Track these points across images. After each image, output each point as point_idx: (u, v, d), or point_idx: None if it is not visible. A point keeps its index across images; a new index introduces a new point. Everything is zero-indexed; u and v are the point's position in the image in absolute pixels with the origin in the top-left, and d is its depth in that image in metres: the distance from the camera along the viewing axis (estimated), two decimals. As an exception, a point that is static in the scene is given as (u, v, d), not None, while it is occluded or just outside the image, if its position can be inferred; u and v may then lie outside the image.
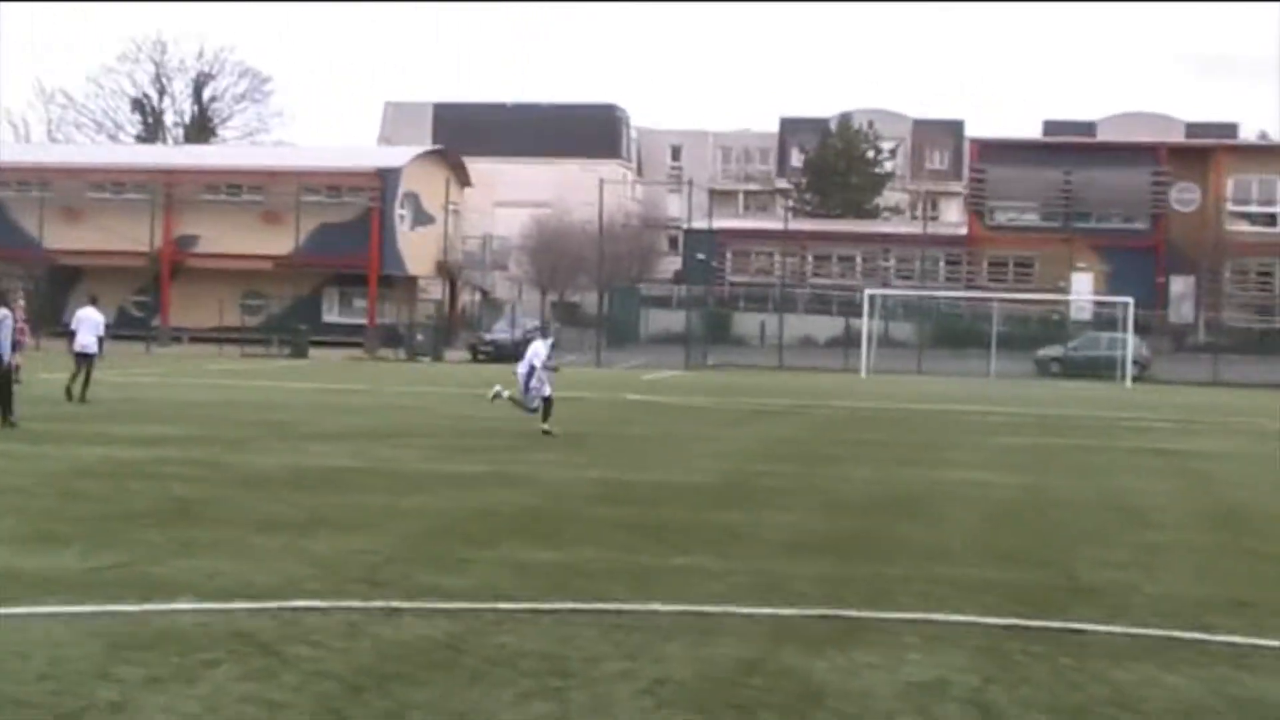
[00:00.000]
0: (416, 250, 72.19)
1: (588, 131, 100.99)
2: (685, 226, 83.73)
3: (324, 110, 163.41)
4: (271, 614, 9.50)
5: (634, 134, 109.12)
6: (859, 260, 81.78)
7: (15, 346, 23.68)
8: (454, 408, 31.28)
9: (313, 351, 60.38)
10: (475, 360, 61.01)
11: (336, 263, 68.97)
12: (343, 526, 13.42)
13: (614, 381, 45.45)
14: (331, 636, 8.91)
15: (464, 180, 79.57)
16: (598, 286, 75.30)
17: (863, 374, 55.25)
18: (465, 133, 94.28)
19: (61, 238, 70.51)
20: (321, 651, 8.51)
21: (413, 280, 73.86)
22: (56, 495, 15.18)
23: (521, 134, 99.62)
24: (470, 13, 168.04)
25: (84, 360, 29.13)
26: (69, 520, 13.42)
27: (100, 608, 9.51)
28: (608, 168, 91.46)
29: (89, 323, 29.77)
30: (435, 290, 76.72)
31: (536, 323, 68.95)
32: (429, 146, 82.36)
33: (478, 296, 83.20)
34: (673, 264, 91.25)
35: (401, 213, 71.42)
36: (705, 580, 11.14)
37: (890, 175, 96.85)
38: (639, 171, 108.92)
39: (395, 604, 9.89)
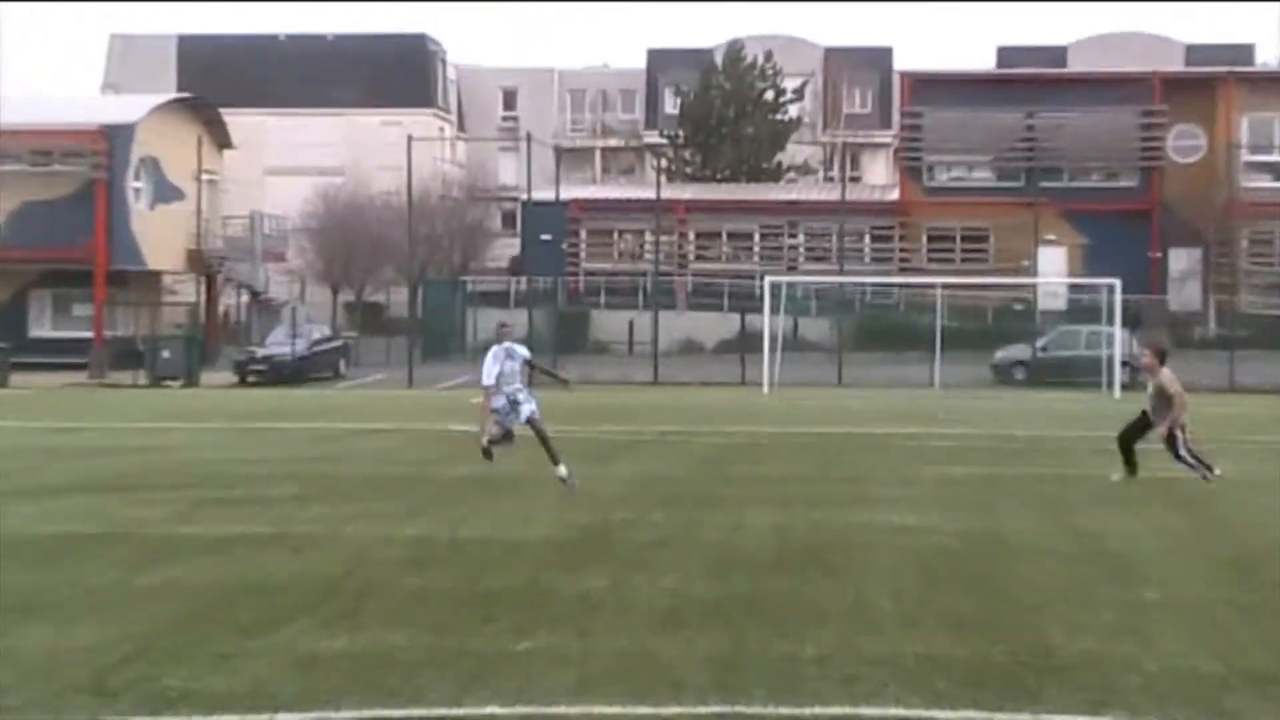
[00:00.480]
0: (159, 236, 71.45)
1: (390, 72, 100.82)
2: (524, 198, 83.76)
3: (27, 47, 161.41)
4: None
5: (452, 75, 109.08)
6: (756, 238, 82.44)
7: None
8: (217, 449, 31.01)
9: (16, 377, 59.55)
10: (244, 384, 60.66)
11: (48, 255, 68.09)
12: (58, 616, 13.25)
13: (433, 407, 45.31)
14: (46, 765, 8.82)
15: (223, 141, 79.02)
16: (407, 280, 75.13)
17: (765, 388, 55.51)
18: (222, 77, 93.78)
19: None
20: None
21: (154, 277, 73.18)
22: None
23: (300, 77, 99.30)
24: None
25: None
26: None
27: None
28: (418, 120, 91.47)
29: None
30: (186, 290, 76.06)
31: (325, 331, 68.84)
32: (172, 95, 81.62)
33: (245, 297, 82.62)
34: (509, 248, 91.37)
35: (136, 185, 70.74)
36: (556, 669, 11.18)
37: (796, 124, 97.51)
38: (460, 125, 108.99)
39: (135, 719, 9.78)
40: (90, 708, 10.10)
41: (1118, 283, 57.27)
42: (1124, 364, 54.86)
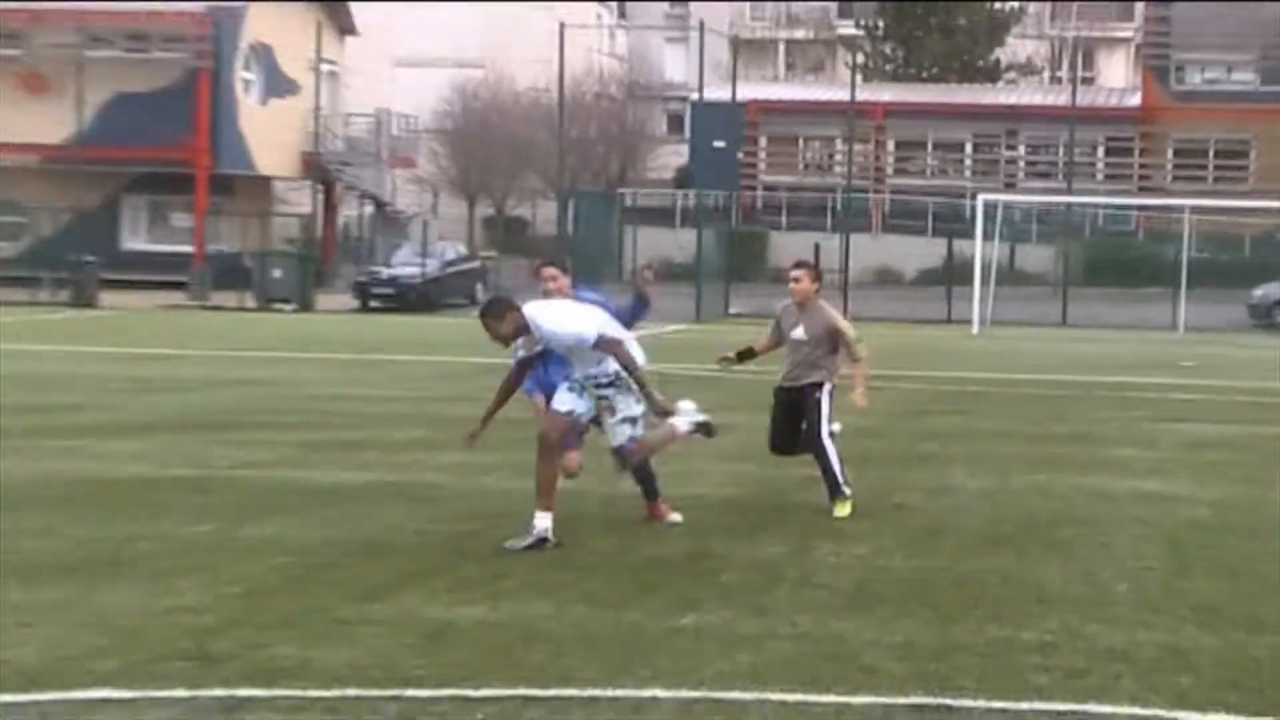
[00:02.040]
0: (270, 136, 71.94)
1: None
2: (694, 97, 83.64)
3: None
4: (40, 710, 9.53)
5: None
6: (968, 149, 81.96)
7: None
8: (333, 384, 31.24)
9: (106, 296, 60.26)
10: (366, 309, 60.97)
11: (142, 155, 68.65)
12: (152, 572, 13.41)
13: (583, 341, 45.38)
14: (136, 747, 8.94)
15: (345, 27, 79.42)
16: (556, 192, 75.29)
17: (974, 327, 55.27)
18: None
19: None
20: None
21: (265, 183, 73.84)
22: None
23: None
24: None
25: None
26: None
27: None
28: (571, 6, 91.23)
29: None
30: (301, 200, 76.61)
31: (459, 250, 69.02)
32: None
33: (368, 209, 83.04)
34: (675, 156, 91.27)
35: (246, 76, 71.31)
36: (727, 649, 11.15)
37: (1018, 14, 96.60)
38: (621, 13, 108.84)
39: (240, 691, 9.90)
40: (192, 677, 10.20)
41: None
42: None
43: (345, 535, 15.18)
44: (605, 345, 14.76)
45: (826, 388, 17.39)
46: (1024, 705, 9.95)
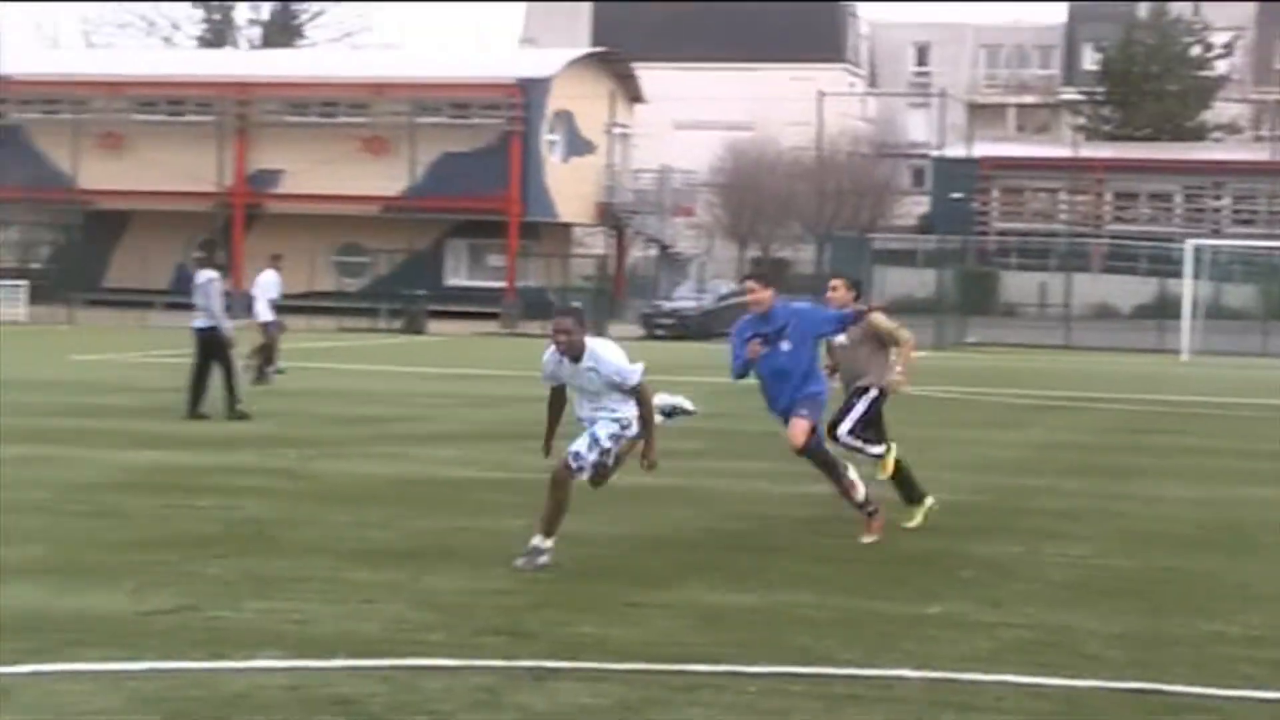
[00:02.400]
0: (570, 188, 72.55)
1: (800, 27, 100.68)
2: (935, 154, 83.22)
3: (446, 4, 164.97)
4: (382, 675, 9.65)
5: (864, 29, 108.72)
6: (1178, 199, 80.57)
7: None
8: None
9: (433, 324, 61.06)
10: (651, 337, 61.15)
11: (463, 205, 69.62)
12: (473, 558, 13.54)
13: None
14: (462, 706, 9.04)
15: (634, 95, 79.82)
16: (815, 237, 75.13)
17: (1183, 355, 54.40)
18: (635, 32, 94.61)
19: (101, 174, 72.22)
20: (449, 726, 8.61)
21: (565, 229, 74.43)
22: (94, 514, 15.54)
23: (712, 32, 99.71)
24: None
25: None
26: (111, 548, 13.74)
27: (158, 665, 9.71)
28: (828, 75, 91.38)
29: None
30: (596, 243, 77.14)
31: (731, 286, 69.08)
32: (587, 49, 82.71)
33: (653, 251, 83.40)
34: (917, 206, 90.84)
35: (550, 138, 71.97)
36: (966, 636, 11.06)
37: (1224, 81, 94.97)
38: (871, 81, 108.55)
39: (548, 663, 9.97)
40: (507, 649, 10.30)
41: None
42: None
43: (636, 531, 15.24)
44: (641, 390, 13.45)
45: (870, 394, 16.10)
46: (1233, 693, 9.74)
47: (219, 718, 8.66)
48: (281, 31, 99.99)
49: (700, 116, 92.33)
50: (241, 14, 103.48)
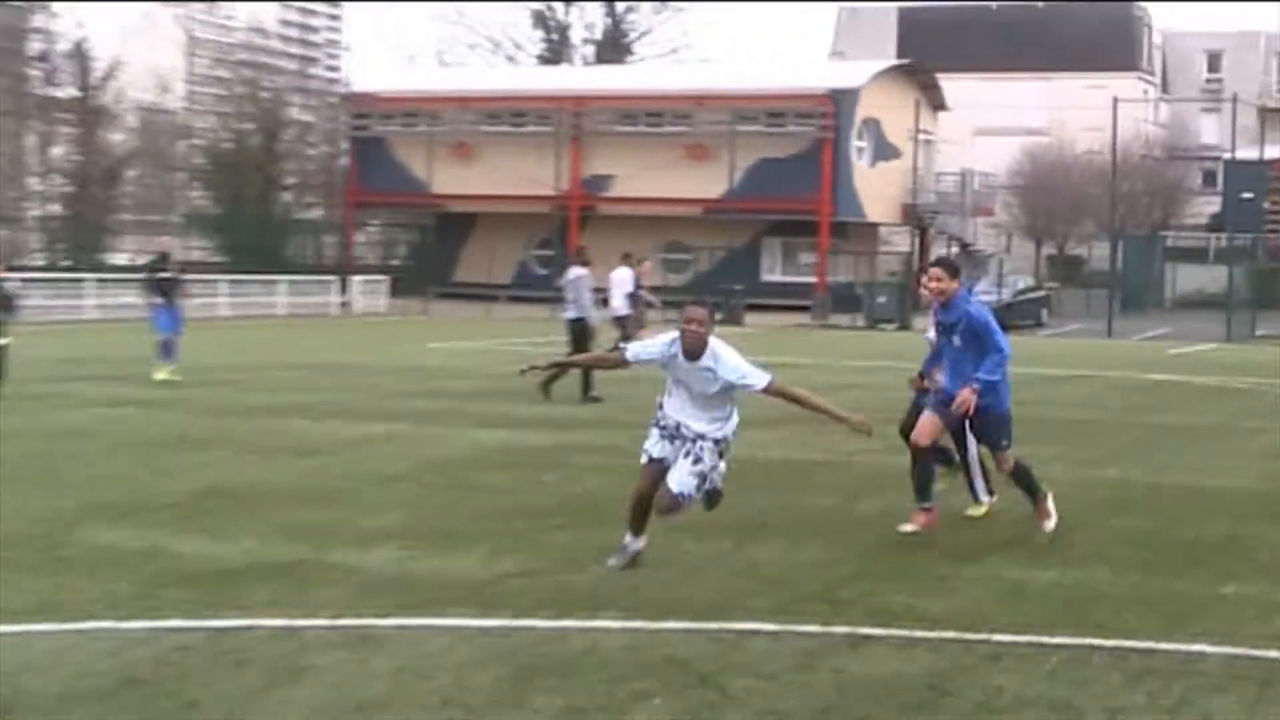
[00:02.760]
0: (877, 191, 72.28)
1: (1097, 37, 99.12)
2: (1226, 156, 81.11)
3: (761, 20, 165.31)
4: (711, 637, 9.72)
5: (1157, 39, 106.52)
6: None
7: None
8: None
9: (749, 317, 61.15)
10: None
11: (778, 206, 69.72)
12: (790, 532, 13.58)
13: (1130, 356, 44.44)
14: (784, 668, 9.06)
15: (937, 103, 79.23)
16: (1109, 235, 73.83)
17: None
18: (938, 43, 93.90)
19: (451, 180, 73.61)
20: (773, 686, 8.64)
21: (872, 228, 74.13)
22: (449, 487, 15.88)
23: (1011, 43, 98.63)
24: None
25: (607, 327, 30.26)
26: (465, 517, 14.05)
27: (509, 622, 9.90)
28: (1123, 83, 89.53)
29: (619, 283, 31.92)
30: (900, 241, 76.70)
31: (1027, 282, 68.19)
32: (893, 61, 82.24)
33: (954, 248, 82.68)
34: (1208, 205, 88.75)
35: (859, 144, 71.75)
36: (1265, 615, 10.80)
37: None
38: (1164, 87, 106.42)
39: (861, 630, 9.96)
40: (824, 616, 10.32)
41: None
42: None
43: (941, 508, 15.06)
44: (778, 389, 12.15)
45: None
46: None
47: (564, 673, 8.79)
48: (613, 49, 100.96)
49: (999, 123, 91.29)
50: (577, 33, 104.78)
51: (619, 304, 32.67)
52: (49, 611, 10.04)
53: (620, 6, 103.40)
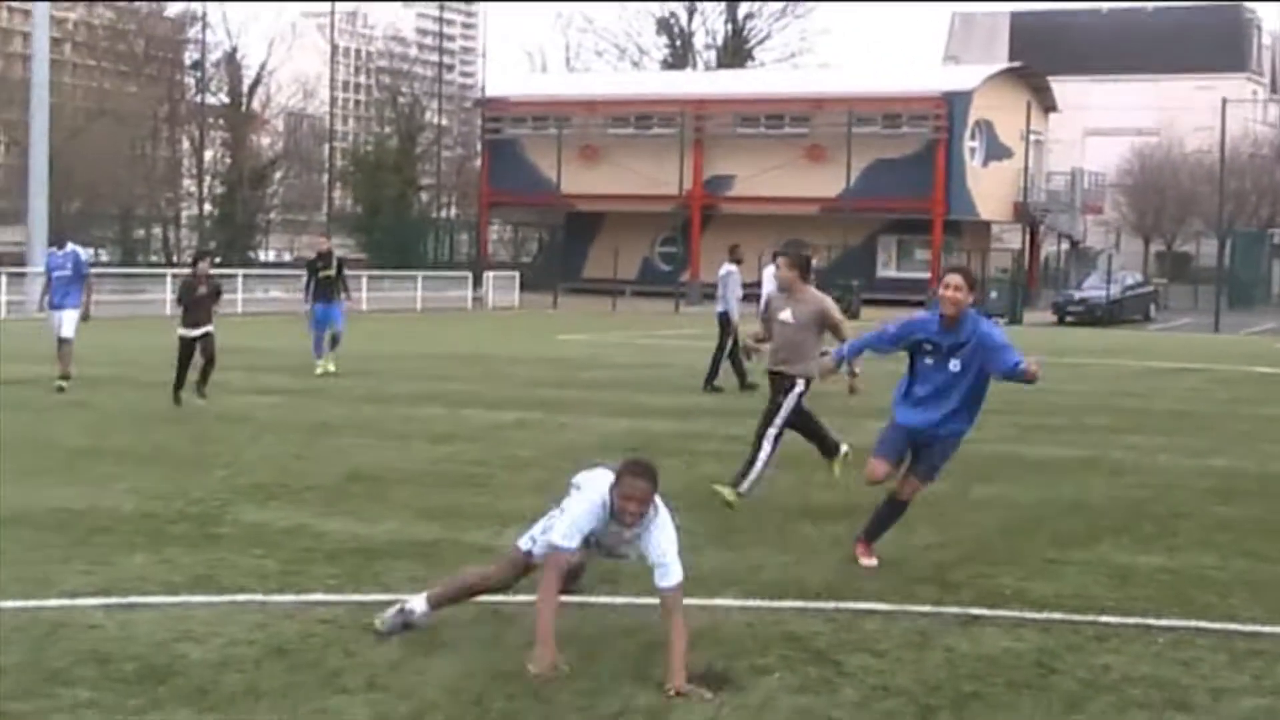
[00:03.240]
0: (989, 190, 71.82)
1: (1205, 39, 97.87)
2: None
3: (877, 25, 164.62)
4: (826, 616, 9.74)
5: (1267, 40, 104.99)
6: None
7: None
8: (1041, 383, 30.88)
9: (866, 310, 60.88)
10: (1062, 323, 60.19)
11: (893, 206, 69.49)
12: (905, 519, 13.53)
13: (1237, 351, 43.95)
14: (897, 646, 9.06)
15: (1048, 105, 78.54)
16: (1216, 233, 72.97)
17: None
18: (1048, 47, 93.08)
19: (580, 181, 73.72)
20: (886, 663, 8.66)
21: (985, 226, 73.62)
22: (575, 472, 15.92)
23: (1119, 46, 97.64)
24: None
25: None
26: (594, 500, 14.10)
27: (634, 600, 9.94)
28: (1231, 84, 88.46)
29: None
30: (1012, 238, 76.16)
31: (1136, 278, 67.56)
32: (1005, 65, 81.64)
33: (1064, 246, 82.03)
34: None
35: (972, 145, 71.30)
36: (1365, 600, 10.68)
37: None
38: (1273, 88, 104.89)
39: (972, 610, 9.95)
40: (935, 597, 10.32)
41: None
42: None
43: (1050, 497, 15.05)
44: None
45: (799, 388, 13.97)
46: None
47: (690, 646, 8.83)
48: (733, 55, 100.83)
49: (1109, 124, 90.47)
50: (699, 39, 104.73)
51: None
52: (204, 585, 10.23)
53: (741, 12, 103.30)
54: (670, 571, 8.53)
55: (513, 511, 13.30)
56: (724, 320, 26.88)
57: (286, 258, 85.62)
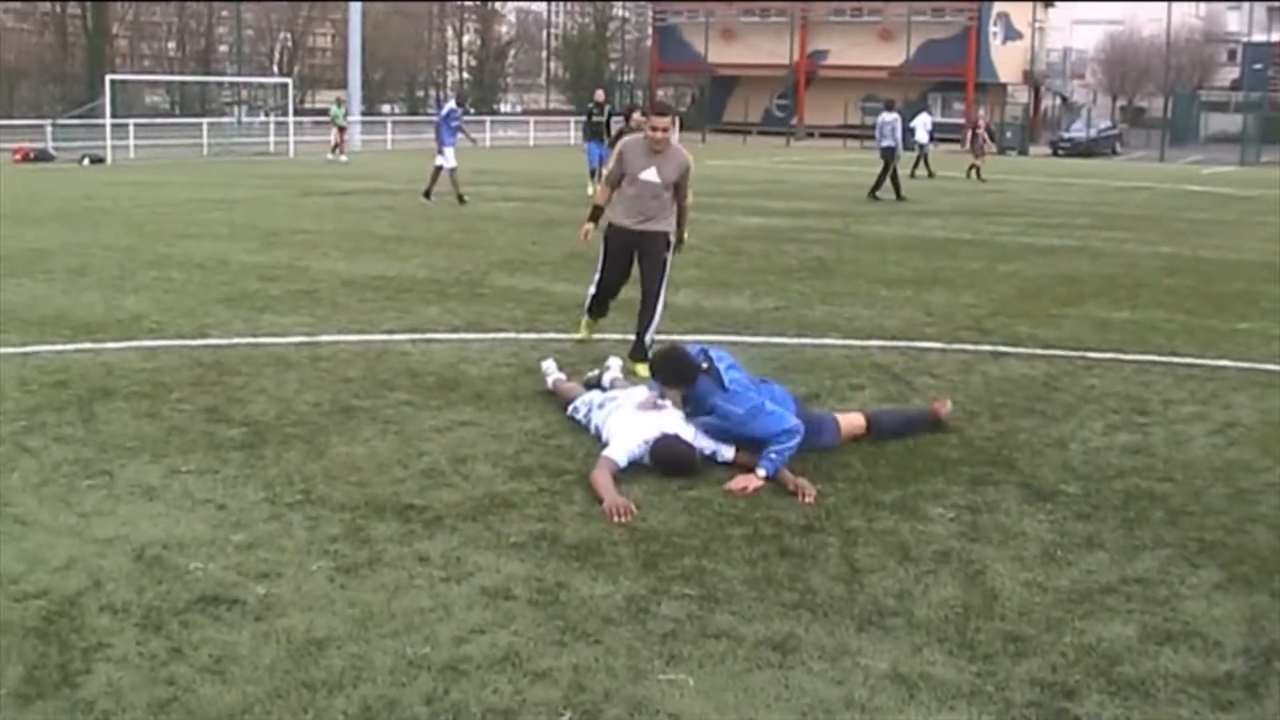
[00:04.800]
0: (1006, 61, 69.41)
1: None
2: (1245, 40, 76.22)
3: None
4: (900, 351, 9.62)
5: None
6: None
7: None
8: (1037, 193, 30.15)
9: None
10: (1055, 155, 58.40)
11: (940, 72, 67.24)
12: (952, 285, 13.33)
13: (1176, 175, 42.46)
14: (949, 371, 8.94)
15: (1048, 1, 75.33)
16: (1163, 93, 70.04)
17: None
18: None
19: (720, 54, 72.41)
20: (942, 382, 8.55)
21: (1002, 87, 71.15)
22: (726, 254, 15.83)
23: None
24: None
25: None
26: (737, 273, 14.00)
27: (770, 339, 9.91)
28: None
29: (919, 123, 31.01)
30: (1021, 96, 73.70)
31: (1107, 123, 65.28)
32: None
33: (1057, 101, 79.34)
34: (1230, 74, 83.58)
35: (995, 30, 68.69)
36: (1266, 343, 10.36)
37: None
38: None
39: (1000, 348, 9.78)
40: (974, 338, 10.15)
41: None
42: None
43: (1051, 272, 14.69)
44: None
45: (672, 243, 9.09)
46: None
47: (806, 369, 8.80)
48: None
49: (1090, 15, 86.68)
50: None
51: (922, 137, 35.42)
52: (475, 327, 10.30)
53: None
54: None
55: (682, 279, 13.17)
56: (888, 154, 26.64)
57: (519, 109, 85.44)
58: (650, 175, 8.73)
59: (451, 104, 24.05)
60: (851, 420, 6.91)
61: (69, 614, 4.49)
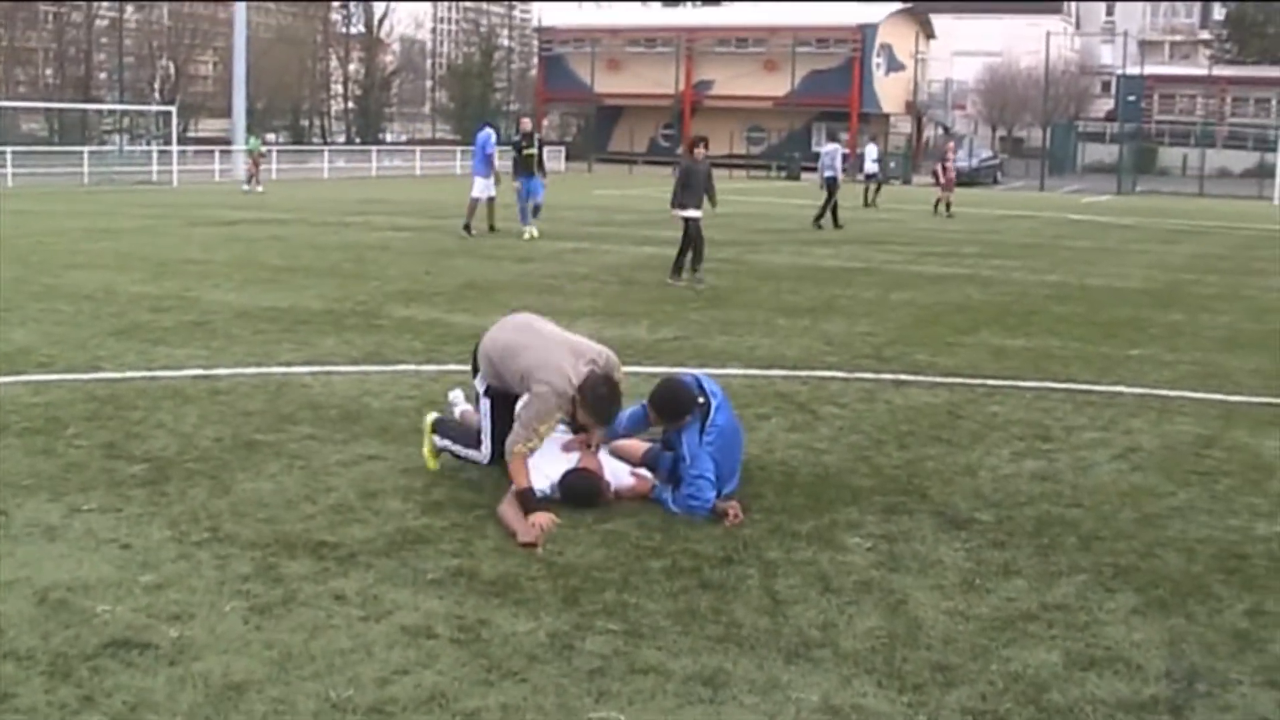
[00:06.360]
0: (889, 92, 70.66)
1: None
2: (1118, 73, 78.54)
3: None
4: (802, 380, 9.67)
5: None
6: (1274, 102, 74.98)
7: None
8: (923, 221, 30.69)
9: (803, 175, 60.31)
10: (937, 184, 59.35)
11: (824, 102, 68.20)
12: (848, 313, 13.47)
13: (1055, 204, 43.56)
14: (853, 400, 9.00)
15: (929, 34, 76.89)
16: (1041, 123, 71.87)
17: (1276, 201, 50.72)
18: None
19: (606, 83, 72.71)
20: (847, 411, 8.60)
21: (885, 117, 72.42)
22: (620, 283, 15.83)
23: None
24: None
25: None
26: (632, 302, 14.00)
27: (669, 370, 9.88)
28: (1050, 22, 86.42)
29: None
30: (904, 126, 75.09)
31: (988, 153, 66.70)
32: (902, 5, 79.68)
33: (939, 130, 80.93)
34: (1105, 105, 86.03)
35: (878, 61, 69.91)
36: (1158, 369, 10.63)
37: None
38: (1077, 25, 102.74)
39: (901, 376, 9.88)
40: (875, 367, 10.23)
41: None
42: None
43: (944, 300, 14.92)
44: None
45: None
46: (1337, 406, 9.16)
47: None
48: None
49: (971, 47, 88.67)
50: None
51: (870, 168, 35.97)
52: (374, 359, 10.16)
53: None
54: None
55: (578, 309, 13.22)
56: (832, 183, 27.07)
57: (404, 138, 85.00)
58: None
59: (486, 130, 22.88)
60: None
61: (-31, 663, 4.30)
